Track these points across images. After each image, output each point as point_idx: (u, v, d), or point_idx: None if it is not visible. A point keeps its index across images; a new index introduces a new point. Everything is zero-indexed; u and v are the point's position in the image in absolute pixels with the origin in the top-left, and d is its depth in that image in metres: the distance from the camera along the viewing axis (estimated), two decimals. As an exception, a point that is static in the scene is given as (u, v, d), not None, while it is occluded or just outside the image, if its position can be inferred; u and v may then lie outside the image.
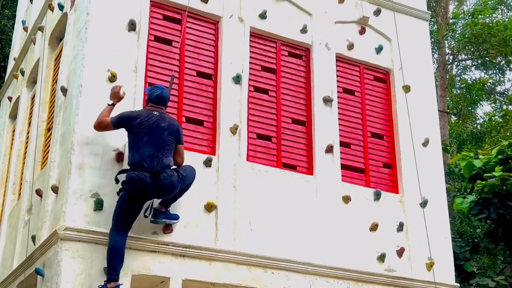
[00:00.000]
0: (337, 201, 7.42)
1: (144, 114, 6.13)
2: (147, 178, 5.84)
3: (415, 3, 9.00)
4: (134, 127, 6.05)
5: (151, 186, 5.86)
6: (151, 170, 5.87)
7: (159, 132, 6.05)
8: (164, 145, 6.05)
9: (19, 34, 10.56)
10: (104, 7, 6.81)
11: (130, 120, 6.08)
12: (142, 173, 5.85)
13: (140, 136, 6.02)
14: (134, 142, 6.05)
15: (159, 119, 6.12)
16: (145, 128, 6.02)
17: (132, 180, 5.86)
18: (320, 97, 7.78)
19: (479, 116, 24.79)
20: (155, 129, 6.04)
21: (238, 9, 7.61)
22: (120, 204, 5.93)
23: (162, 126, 6.09)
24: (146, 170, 5.87)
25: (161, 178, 5.89)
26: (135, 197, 5.90)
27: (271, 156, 7.35)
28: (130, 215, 5.95)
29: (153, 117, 6.11)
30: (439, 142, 8.46)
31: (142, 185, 5.84)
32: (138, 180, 5.83)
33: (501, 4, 25.13)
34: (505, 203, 11.17)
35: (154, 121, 6.08)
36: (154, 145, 5.99)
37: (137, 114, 6.13)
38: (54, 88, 7.67)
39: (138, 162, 5.92)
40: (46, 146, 7.53)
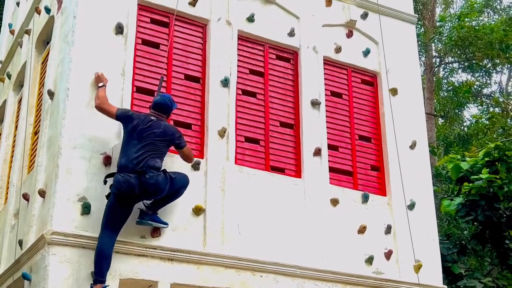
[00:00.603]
0: (325, 204, 7.43)
1: (142, 117, 6.25)
2: (132, 179, 5.90)
3: (402, 6, 9.05)
4: (130, 127, 6.16)
5: (136, 186, 5.90)
6: (136, 170, 5.93)
7: (150, 136, 6.13)
8: (152, 148, 6.11)
9: (6, 37, 10.49)
10: (91, 10, 6.79)
11: (129, 120, 6.21)
12: (127, 175, 5.91)
13: (131, 139, 6.12)
14: (125, 145, 6.14)
15: (154, 124, 6.22)
16: (138, 131, 6.13)
17: (119, 182, 5.91)
18: (308, 100, 7.79)
19: (466, 119, 24.94)
20: (147, 133, 6.13)
21: (226, 13, 7.62)
22: (109, 208, 5.96)
23: (155, 131, 6.17)
24: (131, 171, 5.94)
25: (146, 178, 5.93)
26: (123, 199, 5.92)
27: (259, 159, 7.36)
28: (118, 218, 5.97)
29: (149, 121, 6.22)
30: (426, 144, 8.50)
31: (128, 186, 5.89)
32: (124, 182, 5.89)
33: (487, 7, 25.32)
34: (492, 205, 11.23)
35: (148, 126, 6.18)
36: (142, 147, 6.07)
37: (137, 116, 6.26)
38: (41, 91, 7.63)
39: (125, 164, 6.00)
40: (33, 150, 7.49)
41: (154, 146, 6.12)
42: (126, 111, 6.32)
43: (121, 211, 5.97)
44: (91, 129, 6.36)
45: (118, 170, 6.02)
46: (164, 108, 6.39)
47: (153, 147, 6.11)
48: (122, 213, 5.98)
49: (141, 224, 6.22)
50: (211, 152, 6.97)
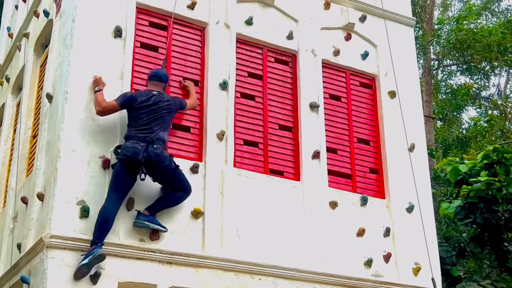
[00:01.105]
0: (324, 206, 7.43)
1: (144, 94, 6.43)
2: (139, 146, 6.12)
3: (400, 9, 9.07)
4: (136, 106, 6.32)
5: (142, 152, 6.09)
6: (145, 139, 6.16)
7: (157, 110, 6.35)
8: (160, 121, 6.34)
9: (4, 40, 10.49)
10: (90, 13, 6.79)
11: (132, 100, 6.35)
12: (136, 142, 6.14)
13: (139, 115, 6.30)
14: (133, 120, 6.32)
15: (158, 98, 6.43)
16: (145, 108, 6.31)
17: (126, 147, 6.13)
18: (306, 103, 7.80)
19: (464, 121, 24.97)
20: (154, 107, 6.34)
21: (225, 16, 7.63)
22: (115, 175, 6.13)
23: (160, 105, 6.40)
24: (140, 140, 6.16)
25: (154, 147, 6.15)
26: (128, 164, 6.09)
27: (258, 162, 7.36)
28: (123, 186, 6.14)
29: (152, 96, 6.42)
30: (425, 147, 8.51)
31: (134, 152, 6.09)
32: (131, 147, 6.11)
33: (486, 10, 25.37)
34: (491, 208, 11.24)
35: (153, 101, 6.38)
36: (151, 120, 6.29)
37: (139, 94, 6.42)
38: (40, 95, 7.63)
39: (134, 134, 6.21)
40: (31, 153, 7.49)
41: (162, 120, 6.35)
42: (125, 97, 6.40)
43: (126, 178, 6.13)
44: (89, 133, 6.36)
45: (126, 139, 6.22)
46: (161, 76, 6.63)
47: (161, 120, 6.34)
48: (126, 181, 6.15)
49: (138, 224, 6.21)
50: (210, 155, 6.97)
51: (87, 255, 5.83)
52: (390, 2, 8.86)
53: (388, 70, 8.50)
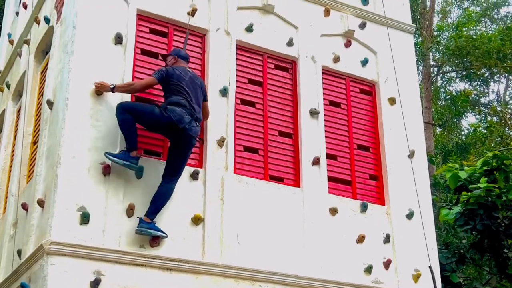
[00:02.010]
0: (324, 213, 7.43)
1: (180, 69, 6.59)
2: (187, 119, 6.30)
3: (400, 16, 9.09)
4: (174, 80, 6.47)
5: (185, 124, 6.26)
6: (192, 114, 6.35)
7: (195, 87, 6.57)
8: (198, 100, 6.57)
9: (5, 47, 10.51)
10: (91, 20, 6.81)
11: (169, 75, 6.50)
12: (185, 113, 6.31)
13: (180, 88, 6.45)
14: (175, 89, 6.44)
15: (193, 75, 6.67)
16: (184, 82, 6.48)
17: (175, 112, 6.27)
18: (306, 109, 7.81)
19: (464, 128, 24.98)
20: (192, 84, 6.54)
21: (225, 22, 7.65)
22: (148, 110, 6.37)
23: (196, 82, 6.63)
24: (189, 113, 6.33)
25: (195, 125, 6.39)
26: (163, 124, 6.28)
27: (258, 169, 7.36)
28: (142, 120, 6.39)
29: (188, 73, 6.62)
30: (424, 154, 8.52)
31: (179, 119, 6.25)
32: (180, 115, 6.27)
33: (485, 16, 25.42)
34: (490, 214, 11.24)
35: (190, 76, 6.59)
36: (193, 96, 6.47)
37: (175, 69, 6.57)
38: (40, 101, 7.64)
39: (184, 104, 6.36)
40: (32, 160, 7.49)
41: (198, 98, 6.57)
42: (162, 71, 6.52)
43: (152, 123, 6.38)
44: (90, 139, 6.37)
45: (175, 104, 6.34)
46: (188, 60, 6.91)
47: (198, 98, 6.56)
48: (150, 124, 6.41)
49: (140, 232, 6.22)
50: (210, 161, 6.98)
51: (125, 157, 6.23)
52: (390, 9, 8.88)
53: (387, 77, 8.53)
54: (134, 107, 6.46)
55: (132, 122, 6.34)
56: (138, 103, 6.62)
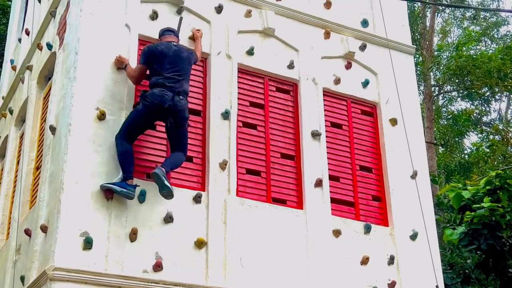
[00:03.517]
0: (327, 235, 7.41)
1: (164, 44, 6.70)
2: (168, 95, 6.37)
3: (399, 37, 9.14)
4: (157, 54, 6.57)
5: (169, 101, 6.35)
6: (173, 89, 6.42)
7: (179, 61, 6.63)
8: (183, 72, 6.62)
9: (8, 73, 10.59)
10: (93, 46, 6.86)
11: (153, 53, 6.61)
12: (164, 91, 6.38)
13: (162, 65, 6.54)
14: (157, 68, 6.54)
15: (179, 49, 6.72)
16: (167, 56, 6.57)
17: (154, 95, 6.37)
18: (308, 131, 7.83)
19: (466, 147, 24.98)
20: (176, 57, 6.62)
21: (226, 46, 7.70)
22: (134, 116, 6.44)
23: (181, 56, 6.68)
24: (168, 89, 6.41)
25: (180, 98, 6.45)
26: (152, 110, 6.37)
27: (260, 191, 7.36)
28: (139, 127, 6.48)
29: (172, 47, 6.68)
30: (427, 174, 8.51)
31: (162, 100, 6.34)
32: (159, 95, 6.35)
33: (485, 36, 25.54)
34: (495, 234, 11.20)
35: (174, 50, 6.65)
36: (175, 71, 6.54)
37: (159, 45, 6.69)
38: (43, 127, 7.67)
39: (161, 83, 6.45)
40: (34, 185, 7.50)
41: (184, 70, 6.64)
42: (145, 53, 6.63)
43: (145, 121, 6.47)
44: (93, 164, 6.38)
45: (152, 86, 6.47)
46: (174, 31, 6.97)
47: (183, 71, 6.63)
48: (144, 124, 6.50)
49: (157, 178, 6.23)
50: (213, 184, 6.98)
51: (122, 185, 6.21)
52: (390, 31, 8.93)
53: (389, 98, 8.55)
54: (126, 126, 6.47)
55: (130, 152, 6.38)
56: (126, 119, 6.54)
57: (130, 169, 6.34)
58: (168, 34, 6.90)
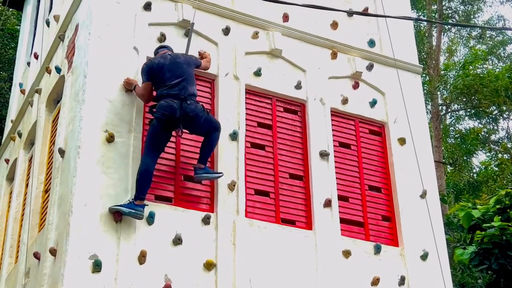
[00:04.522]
0: (337, 255, 7.36)
1: (159, 57, 6.84)
2: (175, 104, 6.49)
3: (406, 57, 9.15)
4: (155, 70, 6.68)
5: (178, 109, 6.48)
6: (179, 96, 6.52)
7: (178, 66, 6.73)
8: (186, 77, 6.70)
9: (16, 96, 10.66)
10: (102, 69, 6.90)
11: (152, 68, 6.73)
12: (171, 100, 6.51)
13: (163, 75, 6.65)
14: (160, 81, 6.67)
15: (173, 56, 6.85)
16: (166, 67, 6.68)
17: (162, 106, 6.50)
18: (316, 151, 7.82)
19: (475, 165, 24.87)
20: (173, 64, 6.73)
21: (233, 67, 7.73)
22: (152, 132, 6.55)
23: (178, 61, 6.80)
24: (174, 97, 6.52)
25: (187, 103, 6.53)
26: (165, 122, 6.49)
27: (269, 212, 7.34)
28: (160, 142, 6.58)
29: (167, 56, 6.83)
30: (436, 193, 8.47)
31: (171, 110, 6.47)
32: (167, 106, 6.47)
33: (491, 54, 25.55)
34: (506, 253, 11.09)
35: (170, 59, 6.78)
36: (176, 76, 6.64)
37: (154, 59, 6.83)
38: (52, 149, 7.70)
39: (166, 93, 6.57)
40: (43, 208, 7.50)
41: (185, 74, 6.71)
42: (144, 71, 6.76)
43: (163, 134, 6.55)
44: (102, 186, 6.38)
45: (159, 99, 6.59)
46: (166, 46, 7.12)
47: (186, 75, 6.71)
48: (163, 137, 6.58)
49: (198, 179, 6.76)
50: (221, 205, 6.96)
51: (130, 206, 6.25)
52: (397, 50, 8.95)
53: (397, 117, 8.55)
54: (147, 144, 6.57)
55: (150, 174, 6.44)
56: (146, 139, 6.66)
57: (144, 191, 6.37)
58: (162, 50, 7.01)
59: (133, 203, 6.32)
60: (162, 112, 6.48)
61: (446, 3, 24.47)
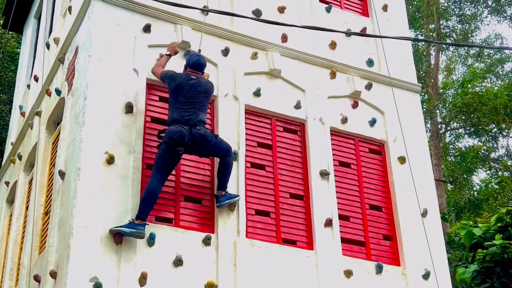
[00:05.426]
0: (339, 275, 7.33)
1: (183, 77, 6.94)
2: (184, 130, 6.61)
3: (405, 76, 9.19)
4: (173, 86, 6.83)
5: (187, 135, 6.59)
6: (188, 123, 6.65)
7: (196, 94, 6.83)
8: (199, 105, 6.83)
9: (16, 119, 10.68)
10: (102, 91, 6.93)
11: (172, 80, 6.90)
12: (180, 126, 6.63)
13: (178, 97, 6.79)
14: (173, 103, 6.83)
15: (196, 83, 6.90)
16: (183, 90, 6.80)
17: (171, 131, 6.61)
18: (316, 170, 7.82)
19: (475, 183, 24.85)
20: (192, 91, 6.82)
21: (233, 88, 7.76)
22: (160, 155, 6.63)
23: (199, 89, 6.88)
24: (184, 124, 6.65)
25: (197, 129, 6.67)
26: (174, 146, 6.56)
27: (270, 232, 7.32)
28: (167, 165, 6.65)
29: (190, 80, 6.89)
30: (437, 212, 8.45)
31: (180, 135, 6.58)
32: (177, 131, 6.59)
33: (490, 72, 25.66)
34: (508, 272, 11.02)
35: (191, 85, 6.85)
36: (190, 103, 6.77)
37: (179, 77, 6.94)
38: (52, 172, 7.69)
39: (177, 118, 6.69)
40: (44, 231, 7.48)
41: (200, 103, 6.83)
42: (167, 73, 6.98)
43: (171, 158, 6.62)
44: (102, 208, 6.37)
45: (169, 123, 6.73)
46: (201, 66, 7.08)
47: (199, 104, 6.82)
48: (171, 160, 6.65)
49: (221, 206, 6.87)
50: (222, 226, 6.95)
51: (131, 226, 6.27)
52: (395, 70, 8.99)
53: (396, 136, 8.56)
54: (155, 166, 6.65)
55: (155, 195, 6.50)
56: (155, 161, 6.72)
57: (147, 212, 6.42)
58: (194, 69, 7.01)
59: (133, 222, 6.32)
60: (171, 136, 6.57)
61: (444, 22, 24.62)
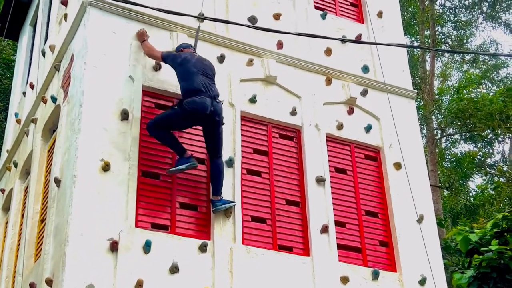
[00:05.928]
0: (335, 282, 7.33)
1: (186, 53, 7.02)
2: (208, 102, 6.65)
3: (400, 82, 9.22)
4: (180, 60, 6.90)
5: (209, 108, 6.63)
6: (210, 95, 6.68)
7: (204, 67, 6.94)
8: (211, 78, 6.94)
9: (12, 126, 10.67)
10: (97, 98, 6.93)
11: (176, 57, 6.97)
12: (204, 97, 6.65)
13: (189, 67, 6.81)
14: (185, 72, 6.83)
15: (199, 58, 7.05)
16: (191, 62, 6.85)
17: (196, 102, 6.62)
18: (312, 177, 7.83)
19: (471, 189, 24.89)
20: (200, 64, 6.90)
21: (229, 94, 7.77)
22: (169, 114, 6.78)
23: (205, 63, 7.02)
24: (205, 94, 6.67)
25: (217, 102, 6.76)
26: (192, 116, 6.67)
27: (266, 239, 7.31)
28: (173, 126, 6.82)
29: (194, 55, 7.02)
30: (433, 218, 8.46)
31: (203, 107, 6.62)
32: (201, 102, 6.62)
33: (485, 78, 25.74)
34: (504, 277, 11.04)
35: (197, 58, 6.98)
36: (205, 76, 6.83)
37: (181, 54, 7.01)
38: (47, 179, 7.69)
39: (198, 88, 6.69)
40: (39, 238, 7.47)
41: (211, 76, 6.95)
42: (169, 53, 7.08)
43: (181, 123, 6.82)
44: (98, 215, 6.36)
45: (190, 93, 6.68)
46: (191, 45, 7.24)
47: (211, 76, 6.95)
48: (179, 125, 6.87)
49: (217, 211, 6.87)
50: (218, 233, 6.94)
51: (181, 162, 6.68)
52: (391, 76, 9.02)
53: (392, 142, 8.57)
54: (161, 119, 6.80)
55: (168, 134, 6.75)
56: (161, 115, 6.88)
57: (178, 147, 6.75)
58: (187, 48, 7.15)
59: (183, 158, 6.73)
60: (195, 107, 6.62)
61: (439, 28, 24.71)
